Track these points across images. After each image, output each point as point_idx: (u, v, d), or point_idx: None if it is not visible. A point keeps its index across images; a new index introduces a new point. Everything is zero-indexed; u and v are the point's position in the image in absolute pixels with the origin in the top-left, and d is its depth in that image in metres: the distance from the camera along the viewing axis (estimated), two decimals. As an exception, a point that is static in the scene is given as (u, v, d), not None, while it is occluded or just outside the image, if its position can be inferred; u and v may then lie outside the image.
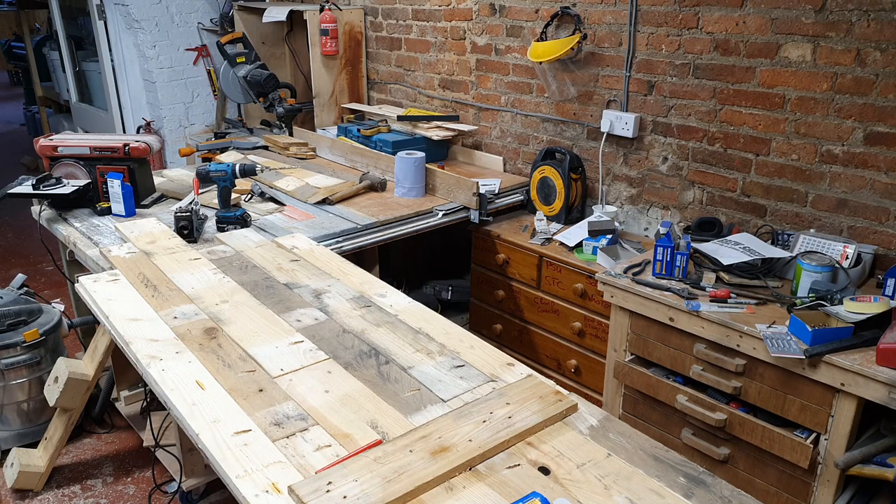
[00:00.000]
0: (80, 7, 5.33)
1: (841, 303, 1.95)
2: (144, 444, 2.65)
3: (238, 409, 1.47)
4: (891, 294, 1.99)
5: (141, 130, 4.92)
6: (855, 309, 1.90)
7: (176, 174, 3.21)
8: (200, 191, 2.66)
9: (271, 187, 3.01)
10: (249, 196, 2.91)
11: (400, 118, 3.55)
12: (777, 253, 2.23)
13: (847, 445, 1.84)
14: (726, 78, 2.50)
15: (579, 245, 2.72)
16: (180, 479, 2.29)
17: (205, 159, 3.74)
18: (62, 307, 2.94)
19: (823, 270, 2.05)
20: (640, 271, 2.32)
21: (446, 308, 3.44)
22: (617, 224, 2.77)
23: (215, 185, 2.56)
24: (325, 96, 4.00)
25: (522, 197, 3.18)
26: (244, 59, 3.78)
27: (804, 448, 1.89)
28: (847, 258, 2.13)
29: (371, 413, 1.47)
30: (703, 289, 2.16)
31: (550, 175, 2.95)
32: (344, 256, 2.35)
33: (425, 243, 3.49)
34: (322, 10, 3.82)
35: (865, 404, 1.81)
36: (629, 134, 2.81)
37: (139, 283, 2.04)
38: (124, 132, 4.96)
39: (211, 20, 4.85)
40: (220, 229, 2.54)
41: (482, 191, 2.90)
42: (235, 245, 2.37)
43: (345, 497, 1.20)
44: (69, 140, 2.74)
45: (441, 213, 2.85)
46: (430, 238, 3.05)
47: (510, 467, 1.32)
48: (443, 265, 3.74)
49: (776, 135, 2.42)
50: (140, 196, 2.75)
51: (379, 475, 1.25)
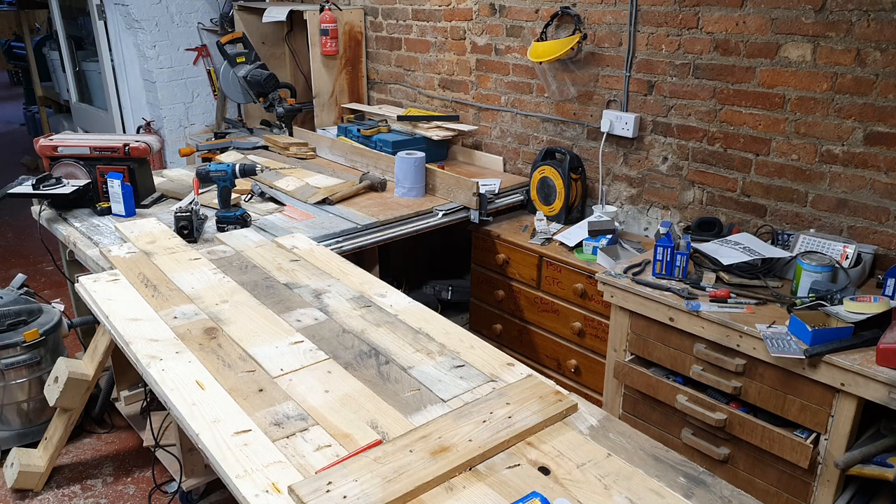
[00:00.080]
0: (80, 7, 5.33)
1: (841, 303, 1.95)
2: (144, 444, 2.65)
3: (238, 409, 1.47)
4: (891, 294, 1.99)
5: (141, 130, 4.92)
6: (855, 309, 1.90)
7: (176, 174, 3.21)
8: (200, 191, 2.66)
9: (271, 187, 3.01)
10: (249, 196, 2.91)
11: (400, 118, 3.55)
12: (777, 253, 2.23)
13: (847, 445, 1.84)
14: (726, 78, 2.50)
15: (579, 245, 2.72)
16: (180, 479, 2.29)
17: (205, 159, 3.74)
18: (62, 307, 2.94)
19: (823, 270, 2.05)
20: (640, 271, 2.32)
21: (446, 308, 3.44)
22: (617, 224, 2.77)
23: (215, 185, 2.56)
24: (325, 96, 4.00)
25: (522, 197, 3.18)
26: (244, 59, 3.78)
27: (804, 448, 1.89)
28: (847, 258, 2.13)
29: (371, 413, 1.47)
30: (703, 289, 2.16)
31: (550, 175, 2.95)
32: (344, 256, 2.35)
33: (425, 243, 3.49)
34: (322, 10, 3.82)
35: (865, 404, 1.81)
36: (629, 134, 2.81)
37: (139, 283, 2.04)
38: (124, 132, 4.96)
39: (211, 20, 4.85)
40: (220, 229, 2.54)
41: (482, 191, 2.90)
42: (235, 245, 2.37)
43: (345, 497, 1.20)
44: (69, 140, 2.74)
45: (441, 213, 2.85)
46: (430, 238, 3.05)
47: (510, 467, 1.32)
48: (443, 265, 3.74)
49: (776, 135, 2.42)
50: (140, 196, 2.75)
51: (379, 475, 1.25)
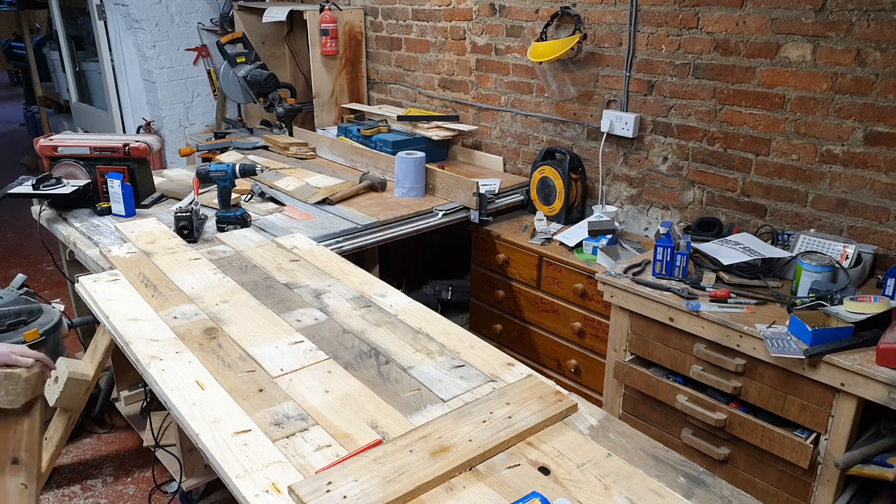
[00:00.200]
0: (80, 7, 5.33)
1: (841, 303, 1.95)
2: (144, 444, 2.65)
3: (238, 409, 1.47)
4: (891, 294, 1.99)
5: (141, 130, 4.92)
6: (855, 309, 1.90)
7: (176, 174, 3.21)
8: (200, 191, 2.66)
9: (271, 187, 3.01)
10: (249, 196, 2.91)
11: (400, 118, 3.55)
12: (777, 253, 2.23)
13: (847, 445, 1.84)
14: (726, 78, 2.50)
15: (579, 245, 2.72)
16: (180, 479, 2.29)
17: (205, 159, 3.74)
18: (62, 307, 2.93)
19: (823, 270, 2.05)
20: (640, 271, 2.32)
21: (446, 308, 3.44)
22: (617, 224, 2.77)
23: (215, 185, 2.56)
24: (325, 96, 4.00)
25: (522, 197, 3.18)
26: (244, 59, 3.78)
27: (804, 448, 1.89)
28: (847, 258, 2.13)
29: (371, 413, 1.47)
30: (703, 289, 2.16)
31: (550, 175, 2.95)
32: (344, 256, 2.35)
33: (425, 243, 3.49)
34: (322, 10, 3.82)
35: (865, 404, 1.81)
36: (629, 134, 2.81)
37: (139, 283, 2.04)
38: (124, 132, 4.96)
39: (211, 20, 4.85)
40: (220, 229, 2.54)
41: (482, 191, 2.90)
42: (235, 245, 2.37)
43: (345, 497, 1.20)
44: (69, 140, 2.74)
45: (441, 213, 2.85)
46: (430, 238, 3.05)
47: (510, 467, 1.32)
48: (443, 265, 3.74)
49: (776, 135, 2.42)
50: (140, 196, 2.75)
51: (379, 475, 1.25)
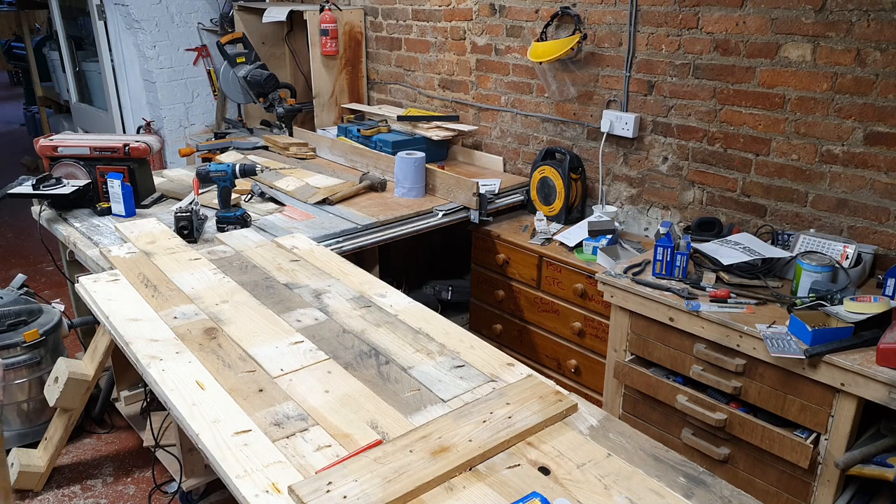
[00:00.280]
0: (80, 7, 5.33)
1: (841, 303, 1.95)
2: (144, 444, 2.65)
3: (238, 409, 1.47)
4: (891, 294, 1.99)
5: (141, 130, 4.92)
6: (855, 309, 1.90)
7: (176, 174, 3.21)
8: (200, 191, 2.66)
9: (271, 187, 3.01)
10: (249, 196, 2.91)
11: (400, 118, 3.55)
12: (777, 253, 2.23)
13: (847, 445, 1.84)
14: (726, 78, 2.50)
15: (579, 245, 2.72)
16: (180, 479, 2.29)
17: (205, 159, 3.74)
18: (62, 307, 2.93)
19: (823, 270, 2.05)
20: (640, 271, 2.32)
21: (446, 308, 3.44)
22: (617, 224, 2.77)
23: (215, 185, 2.56)
24: (325, 96, 4.00)
25: (522, 197, 3.18)
26: (244, 59, 3.78)
27: (804, 448, 1.89)
28: (847, 258, 2.13)
29: (371, 413, 1.47)
30: (703, 289, 2.16)
31: (550, 175, 2.95)
32: (344, 256, 2.35)
33: (425, 243, 3.49)
34: (322, 10, 3.82)
35: (865, 404, 1.81)
36: (629, 134, 2.81)
37: (139, 284, 2.04)
38: (124, 132, 4.96)
39: (211, 20, 4.85)
40: (220, 229, 2.54)
41: (482, 191, 2.90)
42: (235, 245, 2.37)
43: (345, 497, 1.20)
44: (69, 140, 2.74)
45: (441, 213, 2.85)
46: (430, 238, 3.05)
47: (510, 467, 1.32)
48: (443, 265, 3.74)
49: (776, 135, 2.42)
50: (140, 196, 2.75)
51: (379, 475, 1.25)
